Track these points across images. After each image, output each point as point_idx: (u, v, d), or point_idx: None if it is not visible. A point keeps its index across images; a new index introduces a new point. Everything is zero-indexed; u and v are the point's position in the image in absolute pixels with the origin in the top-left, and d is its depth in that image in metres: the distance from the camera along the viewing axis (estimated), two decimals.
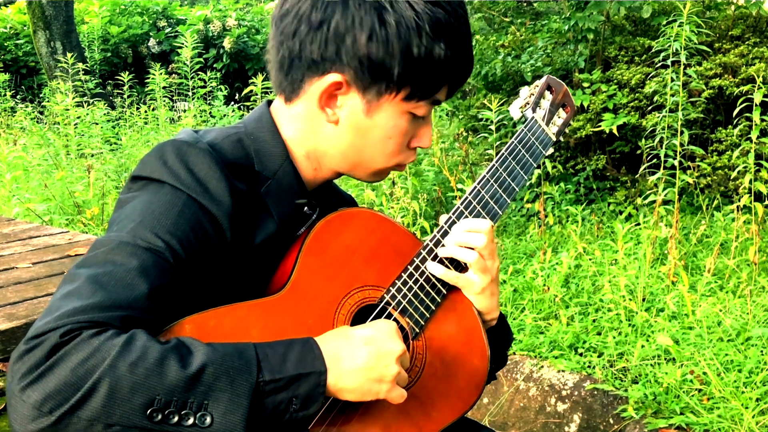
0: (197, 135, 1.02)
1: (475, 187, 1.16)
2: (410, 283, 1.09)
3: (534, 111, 1.26)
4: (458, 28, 1.01)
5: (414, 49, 0.97)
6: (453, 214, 1.14)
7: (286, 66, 1.03)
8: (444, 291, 1.12)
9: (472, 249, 1.10)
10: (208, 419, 0.82)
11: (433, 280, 1.11)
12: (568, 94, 1.31)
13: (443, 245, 1.12)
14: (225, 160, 0.99)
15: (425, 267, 1.10)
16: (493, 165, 1.18)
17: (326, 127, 1.05)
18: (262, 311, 0.97)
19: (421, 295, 1.09)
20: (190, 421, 0.81)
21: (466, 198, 1.15)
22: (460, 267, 1.13)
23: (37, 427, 0.77)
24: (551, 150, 1.29)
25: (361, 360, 0.92)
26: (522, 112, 1.27)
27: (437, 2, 0.98)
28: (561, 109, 1.30)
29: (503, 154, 1.20)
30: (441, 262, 1.12)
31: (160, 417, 0.80)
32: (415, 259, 1.10)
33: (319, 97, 1.01)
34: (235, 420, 0.82)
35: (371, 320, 1.04)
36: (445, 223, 1.13)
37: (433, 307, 1.10)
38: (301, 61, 1.01)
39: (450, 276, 1.10)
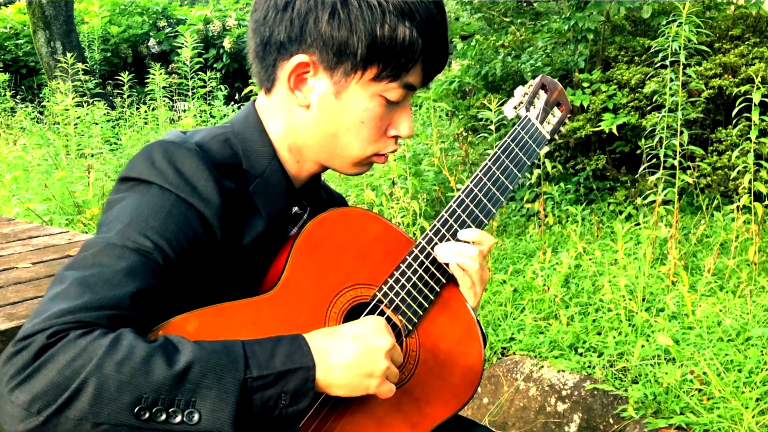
0: (185, 136, 1.03)
1: (468, 185, 1.16)
2: (403, 281, 1.09)
3: (528, 110, 1.26)
4: (429, 12, 1.00)
5: (377, 29, 0.97)
6: (446, 212, 1.14)
7: (261, 53, 1.05)
8: (437, 289, 1.11)
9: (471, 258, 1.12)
10: (196, 416, 0.82)
11: (426, 277, 1.10)
12: (563, 92, 1.31)
13: (437, 245, 1.12)
14: (213, 160, 0.99)
15: (425, 258, 1.11)
16: (487, 164, 1.18)
17: (299, 113, 1.05)
18: (253, 310, 0.97)
19: (414, 293, 1.09)
20: (178, 418, 0.81)
21: (459, 196, 1.15)
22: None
23: (25, 428, 0.78)
24: (546, 149, 1.30)
25: (350, 355, 0.92)
26: (516, 111, 1.27)
27: None
28: (556, 108, 1.30)
29: (496, 152, 1.20)
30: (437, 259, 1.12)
31: (147, 415, 0.80)
32: (407, 257, 1.10)
33: (287, 78, 1.02)
34: (223, 417, 0.82)
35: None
36: (438, 221, 1.13)
37: (426, 305, 1.10)
38: (271, 45, 1.02)
39: (457, 268, 1.12)
